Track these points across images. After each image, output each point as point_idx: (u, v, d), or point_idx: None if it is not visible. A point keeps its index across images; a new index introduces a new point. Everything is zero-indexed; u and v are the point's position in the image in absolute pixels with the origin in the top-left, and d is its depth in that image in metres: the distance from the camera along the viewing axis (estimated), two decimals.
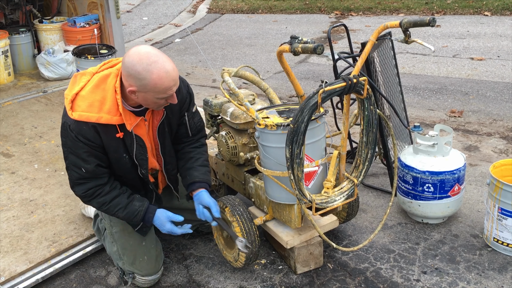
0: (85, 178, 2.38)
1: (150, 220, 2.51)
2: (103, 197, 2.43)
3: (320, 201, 2.44)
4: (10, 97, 5.14)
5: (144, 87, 2.19)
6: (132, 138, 2.38)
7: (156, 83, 2.17)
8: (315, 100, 2.16)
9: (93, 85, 2.29)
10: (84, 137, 2.28)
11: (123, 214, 2.47)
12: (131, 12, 10.69)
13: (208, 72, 6.50)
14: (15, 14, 6.06)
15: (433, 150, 2.98)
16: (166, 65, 2.18)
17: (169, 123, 2.53)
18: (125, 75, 2.22)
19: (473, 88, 5.34)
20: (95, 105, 2.26)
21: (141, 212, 2.48)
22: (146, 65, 2.15)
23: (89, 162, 2.34)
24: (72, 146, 2.31)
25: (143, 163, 2.47)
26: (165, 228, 2.52)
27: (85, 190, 2.41)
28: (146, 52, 2.18)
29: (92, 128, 2.28)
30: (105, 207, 2.45)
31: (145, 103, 2.30)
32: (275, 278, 2.70)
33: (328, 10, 9.62)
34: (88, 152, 2.32)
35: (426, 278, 2.65)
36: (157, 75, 2.16)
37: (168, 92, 2.23)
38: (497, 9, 8.63)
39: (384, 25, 2.40)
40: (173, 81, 2.22)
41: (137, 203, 2.48)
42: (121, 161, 2.42)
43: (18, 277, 2.66)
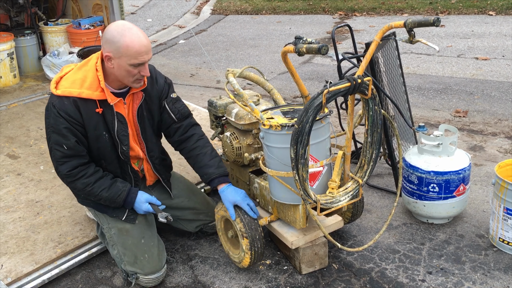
0: (68, 156, 2.47)
1: (133, 201, 2.62)
2: (87, 178, 2.51)
3: (325, 201, 2.44)
4: (16, 99, 5.17)
5: (118, 51, 2.33)
6: (113, 114, 2.50)
7: (128, 45, 2.32)
8: (319, 100, 2.17)
9: (76, 67, 2.50)
10: (65, 112, 2.40)
11: (106, 194, 2.55)
12: (135, 13, 10.73)
13: (213, 73, 6.51)
14: (21, 16, 6.10)
15: (438, 150, 2.98)
16: (139, 33, 2.36)
17: (148, 109, 2.64)
18: (103, 42, 2.39)
19: (478, 88, 5.33)
20: (77, 82, 2.42)
21: (124, 192, 2.58)
22: (121, 30, 2.34)
23: (69, 137, 2.43)
24: (53, 123, 2.42)
25: (124, 139, 2.56)
26: (143, 208, 2.63)
27: (69, 169, 2.49)
28: (123, 22, 2.42)
29: (73, 103, 2.40)
30: (89, 188, 2.53)
31: (120, 74, 2.41)
32: (280, 279, 2.70)
33: (332, 11, 9.61)
34: (67, 128, 2.42)
35: (431, 278, 2.65)
36: (130, 38, 2.32)
37: (139, 58, 2.35)
38: (501, 8, 8.60)
39: (389, 25, 2.40)
40: (144, 47, 2.35)
41: (120, 184, 2.59)
42: (100, 139, 2.51)
43: (24, 278, 2.67)
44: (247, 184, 2.95)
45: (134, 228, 2.64)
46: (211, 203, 3.01)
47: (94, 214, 2.77)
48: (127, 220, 2.66)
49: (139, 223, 2.66)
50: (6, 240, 2.94)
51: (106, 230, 2.70)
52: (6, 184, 3.57)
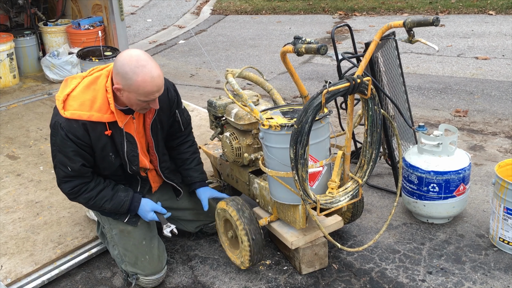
0: (71, 176, 2.47)
1: (136, 209, 2.63)
2: (89, 193, 2.51)
3: (325, 201, 2.43)
4: (16, 99, 5.17)
5: (129, 87, 2.29)
6: (122, 135, 2.47)
7: (139, 86, 2.27)
8: (319, 100, 2.16)
9: (84, 86, 2.40)
10: (74, 135, 2.36)
11: (109, 206, 2.55)
12: (135, 14, 10.73)
13: (212, 73, 6.51)
14: (20, 17, 6.09)
15: (438, 150, 2.97)
16: (153, 71, 2.28)
17: (160, 121, 2.63)
18: (115, 73, 2.33)
19: (478, 88, 5.33)
20: (86, 104, 2.36)
21: (126, 202, 2.58)
22: (134, 67, 2.26)
23: (75, 161, 2.42)
24: (60, 144, 2.39)
25: (134, 160, 2.55)
26: (148, 217, 2.64)
27: (71, 188, 2.49)
28: (137, 55, 2.29)
29: (82, 126, 2.36)
30: (92, 202, 2.53)
31: (129, 103, 2.38)
32: (280, 279, 2.70)
33: (332, 11, 9.61)
34: (75, 151, 2.40)
35: (431, 278, 2.64)
36: (142, 78, 2.26)
37: (150, 97, 2.32)
38: (501, 8, 8.60)
39: (388, 25, 2.40)
40: (156, 87, 2.31)
41: (122, 194, 2.58)
42: (106, 159, 2.50)
43: (24, 278, 2.67)
44: (246, 184, 2.94)
45: (135, 230, 2.64)
46: (212, 203, 3.01)
47: (95, 213, 2.77)
48: (129, 223, 2.65)
49: (140, 225, 2.66)
50: (5, 241, 2.94)
51: (107, 230, 2.70)
52: (6, 184, 3.57)
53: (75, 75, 2.51)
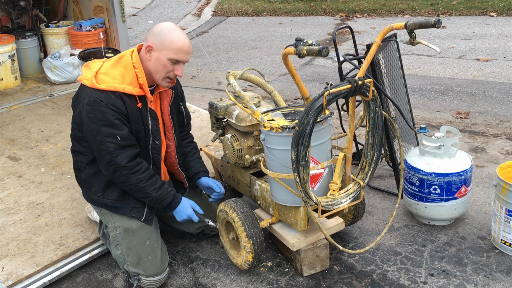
0: (123, 146, 2.47)
1: (177, 205, 2.67)
2: (142, 174, 2.52)
3: (326, 203, 2.43)
4: (17, 101, 5.17)
5: (162, 43, 2.44)
6: (147, 110, 2.57)
7: (173, 40, 2.44)
8: (320, 102, 2.16)
9: (110, 64, 2.53)
10: (113, 105, 2.43)
11: (156, 195, 2.57)
12: (137, 15, 10.74)
13: (214, 75, 6.51)
14: (22, 18, 6.11)
15: (439, 151, 2.97)
16: (186, 37, 2.50)
17: (175, 107, 2.77)
18: (150, 35, 2.50)
19: (479, 89, 5.32)
20: (118, 78, 2.47)
21: (171, 196, 2.63)
22: (171, 27, 2.49)
23: (122, 128, 2.46)
24: (102, 117, 2.42)
25: (157, 134, 2.63)
26: (187, 212, 2.68)
27: (127, 160, 2.47)
28: (174, 24, 2.55)
29: (119, 97, 2.45)
30: (142, 184, 2.52)
31: (155, 67, 2.49)
32: (281, 281, 2.69)
33: (333, 12, 9.61)
34: (118, 118, 2.45)
35: (433, 280, 2.64)
36: (177, 35, 2.46)
37: (179, 55, 2.45)
38: (502, 9, 8.59)
39: (389, 27, 2.39)
40: (187, 47, 2.47)
41: (168, 188, 2.64)
42: (139, 133, 2.56)
43: (25, 280, 2.67)
44: (248, 186, 2.94)
45: (140, 229, 2.63)
46: (213, 205, 3.01)
47: (99, 213, 2.74)
48: (145, 221, 2.65)
49: (145, 224, 2.65)
50: (7, 242, 2.94)
51: (110, 230, 2.69)
52: (7, 186, 3.57)
53: (94, 60, 2.61)
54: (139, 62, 2.51)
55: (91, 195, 2.68)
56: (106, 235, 2.85)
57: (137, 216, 2.63)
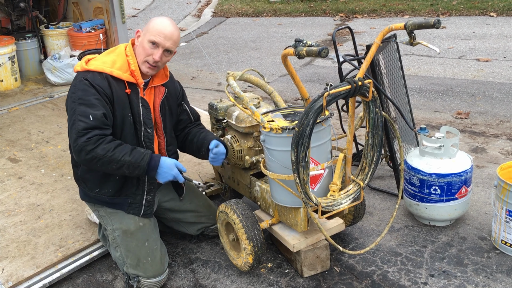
0: (91, 127, 2.38)
1: (157, 164, 2.50)
2: (106, 144, 2.40)
3: (326, 204, 2.43)
4: (17, 102, 5.17)
5: (146, 28, 2.55)
6: (138, 98, 2.57)
7: (156, 23, 2.53)
8: (320, 103, 2.16)
9: (104, 53, 2.62)
10: (98, 85, 2.45)
11: (129, 158, 2.42)
12: (137, 16, 10.74)
13: (213, 75, 6.51)
14: (22, 20, 6.11)
15: (439, 152, 2.97)
16: (170, 23, 2.55)
17: (169, 105, 2.75)
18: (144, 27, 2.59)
19: (479, 90, 5.32)
20: (107, 62, 2.53)
21: (147, 155, 2.47)
22: (162, 17, 2.59)
23: (98, 108, 2.43)
24: (82, 95, 2.43)
25: (149, 122, 2.62)
26: (172, 172, 2.54)
27: (89, 137, 2.38)
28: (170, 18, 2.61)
29: (105, 79, 2.48)
30: (110, 153, 2.39)
31: (138, 51, 2.55)
32: (281, 282, 2.69)
33: (333, 13, 9.61)
34: (98, 99, 2.44)
35: (433, 281, 2.64)
36: (161, 20, 2.55)
37: (157, 37, 2.49)
38: (502, 9, 8.59)
39: (389, 27, 2.39)
40: (168, 32, 2.51)
41: (141, 149, 2.50)
42: (125, 120, 2.54)
43: (25, 282, 2.66)
44: (248, 187, 2.94)
45: (138, 231, 2.63)
46: (213, 206, 3.01)
47: (97, 215, 2.75)
48: (144, 216, 2.64)
49: (143, 226, 2.65)
50: (7, 244, 2.93)
51: (109, 232, 2.69)
52: (7, 187, 3.57)
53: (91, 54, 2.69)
54: (132, 50, 2.58)
55: (88, 192, 2.66)
56: (106, 237, 2.85)
57: (135, 212, 2.63)
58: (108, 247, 2.86)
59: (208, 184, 3.45)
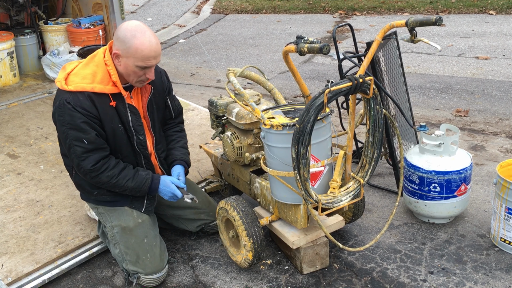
0: (89, 150, 2.45)
1: (157, 186, 2.62)
2: (111, 171, 2.49)
3: (326, 201, 2.43)
4: (16, 98, 5.16)
5: (127, 51, 2.36)
6: (125, 106, 2.51)
7: (138, 48, 2.34)
8: (321, 100, 2.16)
9: (83, 64, 2.49)
10: (81, 107, 2.39)
11: (132, 184, 2.54)
12: (135, 13, 10.71)
13: (213, 72, 6.50)
14: (20, 15, 6.08)
15: (439, 149, 2.97)
16: (152, 38, 2.38)
17: (156, 102, 2.67)
18: (115, 39, 2.41)
19: (478, 87, 5.32)
20: (87, 77, 2.42)
21: (148, 180, 2.59)
22: (134, 31, 2.36)
23: (88, 131, 2.42)
24: (70, 120, 2.40)
25: (139, 129, 2.58)
26: (170, 189, 2.63)
27: (93, 163, 2.46)
28: (137, 23, 2.41)
29: (88, 98, 2.40)
30: (114, 180, 2.51)
31: (126, 72, 2.43)
32: (281, 279, 2.69)
33: (332, 10, 9.60)
34: (85, 122, 2.40)
35: (433, 278, 2.64)
36: (141, 41, 2.34)
37: (147, 62, 2.37)
38: (502, 8, 8.59)
39: (390, 24, 2.39)
40: (154, 52, 2.38)
41: (143, 173, 2.60)
42: (117, 132, 2.51)
43: (24, 277, 2.66)
44: (247, 183, 2.94)
45: (137, 228, 2.63)
46: (213, 202, 3.01)
47: (96, 212, 2.75)
48: (146, 212, 2.67)
49: (142, 222, 2.65)
50: (6, 240, 2.93)
51: (108, 229, 2.69)
52: (6, 183, 3.56)
53: (72, 61, 2.58)
54: (111, 59, 2.45)
55: (88, 195, 2.70)
56: (105, 234, 2.85)
57: (138, 207, 2.65)
58: (107, 244, 2.86)
59: (208, 181, 3.45)
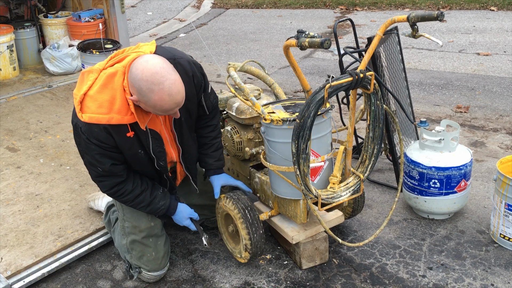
0: (103, 176, 2.42)
1: (172, 214, 2.64)
2: (126, 197, 2.48)
3: (326, 196, 2.43)
4: (16, 91, 5.15)
5: (145, 103, 2.17)
6: (147, 133, 2.35)
7: (156, 104, 2.14)
8: (321, 95, 2.15)
9: (100, 84, 2.23)
10: (96, 139, 2.25)
11: (146, 211, 2.56)
12: (136, 6, 10.68)
13: (213, 67, 6.49)
14: (20, 8, 6.07)
15: (439, 145, 2.97)
16: (172, 88, 2.12)
17: (186, 109, 2.46)
18: (130, 84, 2.18)
19: (479, 84, 5.31)
20: (104, 106, 2.20)
21: (163, 210, 2.58)
22: (150, 84, 2.09)
23: (103, 162, 2.34)
24: (85, 147, 2.32)
25: (160, 156, 2.46)
26: (183, 223, 2.67)
27: (108, 188, 2.45)
28: (153, 70, 2.10)
29: (104, 130, 2.24)
30: (129, 204, 2.53)
31: (147, 110, 2.25)
32: (280, 273, 2.70)
33: (333, 5, 9.57)
34: (100, 153, 2.31)
35: (432, 274, 2.64)
36: (159, 97, 2.11)
37: (168, 112, 2.22)
38: (503, 4, 8.56)
39: (392, 19, 2.38)
40: (175, 104, 2.17)
41: (160, 202, 2.56)
42: (136, 156, 2.41)
43: (24, 271, 2.67)
44: (247, 178, 2.94)
45: (148, 229, 2.61)
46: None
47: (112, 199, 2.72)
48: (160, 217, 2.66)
49: (154, 226, 2.63)
50: (5, 233, 2.93)
51: (119, 219, 2.68)
52: (6, 177, 3.56)
53: (92, 68, 2.31)
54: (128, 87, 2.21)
55: None
56: (111, 222, 2.84)
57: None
58: (112, 232, 2.85)
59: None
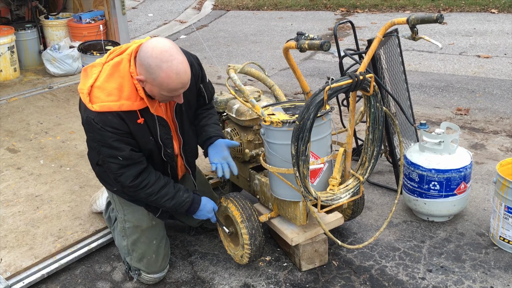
0: (125, 166, 2.34)
1: (195, 210, 2.58)
2: (150, 188, 2.40)
3: (326, 198, 2.43)
4: (16, 92, 5.16)
5: (152, 81, 2.18)
6: (154, 120, 2.36)
7: (163, 82, 2.16)
8: (321, 97, 2.15)
9: (106, 74, 2.26)
10: (111, 126, 2.24)
11: (170, 205, 2.48)
12: (137, 8, 10.69)
13: (213, 68, 6.49)
14: (21, 10, 6.07)
15: (439, 148, 2.97)
16: (179, 67, 2.16)
17: (187, 100, 2.47)
18: (138, 63, 2.22)
19: (479, 86, 5.31)
20: (113, 93, 2.23)
21: (188, 203, 2.53)
22: (159, 61, 2.13)
23: (122, 149, 2.29)
24: (100, 138, 2.27)
25: (168, 143, 2.45)
26: (207, 216, 2.63)
27: (132, 179, 2.36)
28: (162, 47, 2.15)
29: (117, 116, 2.25)
30: (153, 197, 2.43)
31: (151, 93, 2.27)
32: (279, 275, 2.69)
33: (334, 7, 9.58)
34: (117, 140, 2.27)
35: (431, 276, 2.64)
36: (167, 74, 2.14)
37: (173, 93, 2.23)
38: (504, 6, 8.57)
39: (392, 22, 2.38)
40: (181, 84, 2.20)
41: (184, 195, 2.51)
42: (148, 144, 2.39)
43: (23, 272, 2.66)
44: (247, 180, 2.94)
45: (149, 229, 2.61)
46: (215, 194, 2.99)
47: (111, 198, 2.67)
48: (160, 217, 2.62)
49: (156, 225, 2.62)
50: (5, 234, 2.93)
51: (120, 220, 2.66)
52: (6, 178, 3.56)
53: (94, 63, 2.35)
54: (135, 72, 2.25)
55: (109, 188, 2.63)
56: (111, 219, 2.84)
57: (153, 211, 2.60)
58: (112, 230, 2.84)
59: (208, 177, 3.44)
